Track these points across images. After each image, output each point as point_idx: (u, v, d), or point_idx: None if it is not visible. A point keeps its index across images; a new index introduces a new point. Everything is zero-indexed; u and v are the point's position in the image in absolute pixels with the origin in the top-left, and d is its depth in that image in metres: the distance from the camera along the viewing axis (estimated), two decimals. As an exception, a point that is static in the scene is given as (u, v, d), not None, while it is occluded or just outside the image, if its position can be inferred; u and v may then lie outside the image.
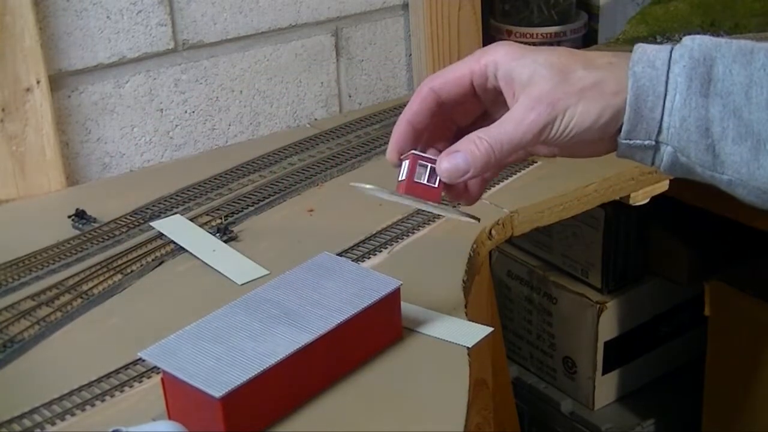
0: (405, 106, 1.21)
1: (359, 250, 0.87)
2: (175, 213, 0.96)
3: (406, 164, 0.66)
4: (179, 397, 0.63)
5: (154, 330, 0.73)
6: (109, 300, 0.81)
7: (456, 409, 0.65)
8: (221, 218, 0.94)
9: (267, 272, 0.84)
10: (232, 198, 0.99)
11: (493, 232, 0.92)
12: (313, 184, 1.03)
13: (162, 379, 0.64)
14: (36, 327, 0.77)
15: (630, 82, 0.62)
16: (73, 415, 0.66)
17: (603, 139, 0.64)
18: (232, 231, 0.91)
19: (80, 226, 0.94)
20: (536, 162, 1.05)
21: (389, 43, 1.31)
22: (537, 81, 0.62)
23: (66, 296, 0.82)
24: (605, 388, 1.52)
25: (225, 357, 0.62)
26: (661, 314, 1.56)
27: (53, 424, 0.66)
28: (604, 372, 1.51)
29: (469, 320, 0.76)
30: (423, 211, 0.94)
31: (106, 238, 0.92)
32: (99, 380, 0.70)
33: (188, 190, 1.01)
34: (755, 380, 1.42)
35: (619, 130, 0.63)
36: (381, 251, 0.87)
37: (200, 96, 1.16)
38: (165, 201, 0.99)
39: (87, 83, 1.07)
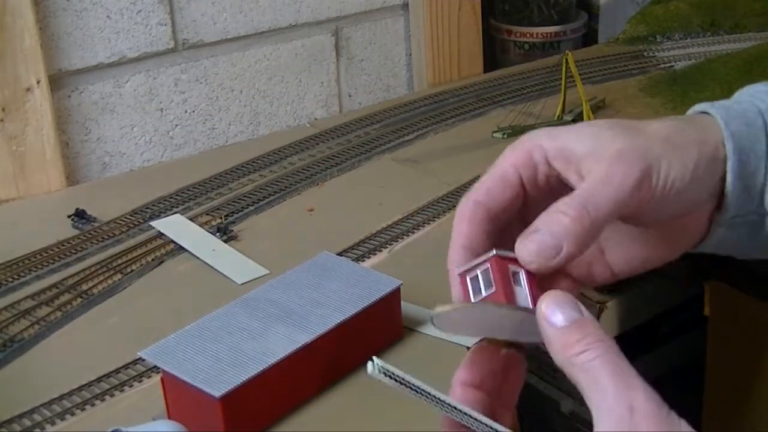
0: (405, 105, 1.23)
1: (359, 250, 0.87)
2: (175, 213, 0.96)
3: (486, 270, 0.48)
4: (179, 396, 0.63)
5: (154, 330, 0.73)
6: (109, 300, 0.81)
7: (456, 409, 0.65)
8: (221, 218, 0.94)
9: (267, 272, 0.84)
10: (232, 198, 0.99)
11: (493, 232, 0.92)
12: (313, 184, 1.03)
13: (162, 379, 0.64)
14: (36, 327, 0.77)
15: (729, 145, 0.51)
16: (73, 415, 0.66)
17: (690, 220, 0.53)
18: (232, 231, 0.91)
19: (80, 225, 0.94)
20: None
21: (389, 43, 1.31)
22: (606, 142, 0.49)
23: (66, 296, 0.82)
24: (605, 388, 1.52)
25: (225, 357, 0.62)
26: (661, 314, 1.56)
27: (53, 424, 0.66)
28: (604, 372, 1.51)
29: (469, 320, 0.75)
30: (422, 210, 0.94)
31: (106, 237, 0.92)
32: (99, 380, 0.70)
33: (188, 190, 1.01)
34: (755, 380, 1.42)
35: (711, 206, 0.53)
36: (381, 251, 0.87)
37: (200, 96, 1.16)
38: (165, 201, 0.99)
39: (87, 83, 1.07)
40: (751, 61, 1.25)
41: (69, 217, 0.95)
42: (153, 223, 0.93)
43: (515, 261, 0.46)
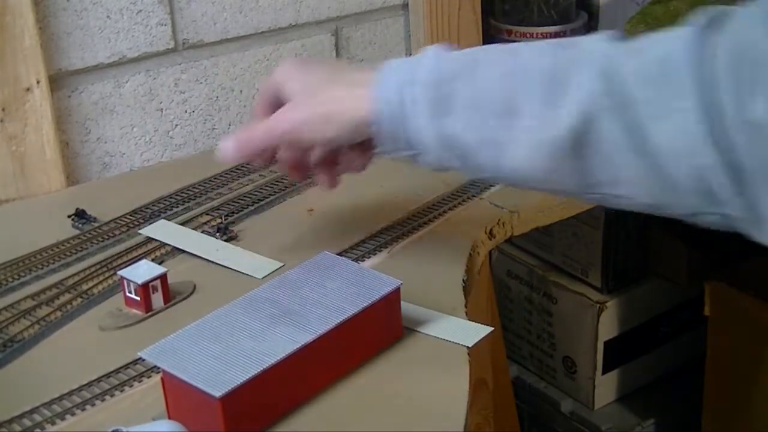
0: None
1: (359, 250, 0.87)
2: (175, 212, 0.96)
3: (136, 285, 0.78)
4: (179, 396, 0.63)
5: (153, 330, 0.73)
6: (109, 300, 0.81)
7: (456, 409, 0.65)
8: (221, 218, 0.94)
9: (281, 264, 0.84)
10: (232, 198, 0.99)
11: (493, 231, 0.92)
12: (313, 184, 1.03)
13: (162, 379, 0.64)
14: (36, 327, 0.77)
15: (380, 107, 0.71)
16: (73, 415, 0.66)
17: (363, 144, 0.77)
18: (232, 231, 0.92)
19: (80, 225, 0.94)
20: (536, 162, 1.05)
21: (389, 43, 1.31)
22: (300, 95, 0.75)
23: (66, 296, 0.82)
24: (605, 388, 1.52)
25: (225, 356, 0.62)
26: (661, 314, 1.56)
27: (53, 424, 0.66)
28: (604, 372, 1.51)
29: (469, 320, 0.75)
30: (422, 210, 0.94)
31: (106, 237, 0.92)
32: (99, 380, 0.70)
33: (188, 190, 1.01)
34: (755, 380, 1.42)
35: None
36: (381, 251, 0.87)
37: (200, 96, 1.16)
38: (165, 201, 0.99)
39: (87, 83, 1.07)
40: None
41: (69, 217, 0.95)
42: (142, 231, 0.92)
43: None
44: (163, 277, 0.79)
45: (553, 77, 0.65)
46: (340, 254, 0.84)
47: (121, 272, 0.78)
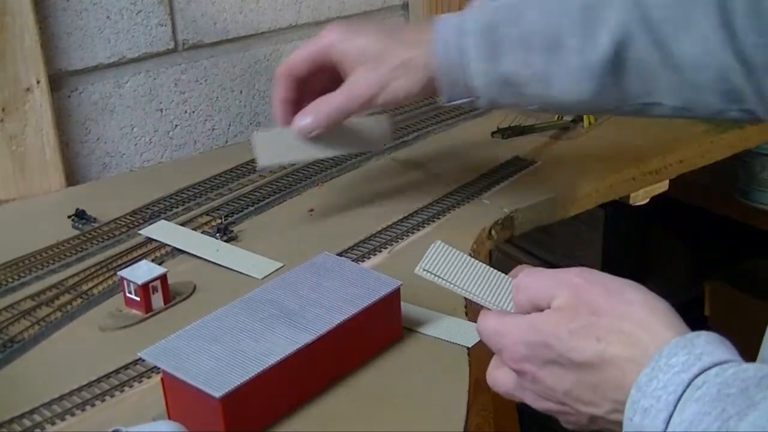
0: (405, 105, 1.23)
1: (359, 250, 0.87)
2: (175, 213, 0.96)
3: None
4: (179, 397, 0.63)
5: (153, 330, 0.73)
6: (109, 300, 0.81)
7: (456, 409, 0.65)
8: (221, 218, 0.94)
9: (282, 264, 0.84)
10: (232, 198, 0.99)
11: (493, 232, 0.92)
12: (313, 184, 1.03)
13: (162, 379, 0.64)
14: (36, 327, 0.77)
15: (439, 60, 0.78)
16: (73, 415, 0.66)
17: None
18: (232, 231, 0.91)
19: (80, 226, 0.94)
20: (536, 162, 1.05)
21: (389, 43, 1.31)
22: (364, 60, 0.80)
23: (66, 296, 0.82)
24: (605, 388, 1.52)
25: (225, 357, 0.63)
26: (661, 314, 1.56)
27: (53, 424, 0.66)
28: (604, 372, 1.51)
29: (469, 320, 0.75)
30: (422, 210, 0.94)
31: (106, 238, 0.92)
32: (99, 380, 0.70)
33: (188, 190, 1.01)
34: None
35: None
36: (381, 251, 0.87)
37: (200, 96, 1.16)
38: (165, 201, 0.99)
39: (87, 83, 1.07)
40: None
41: (69, 217, 0.95)
42: (142, 231, 0.92)
43: None
44: (163, 278, 0.79)
45: (589, 10, 0.73)
46: (340, 254, 0.84)
47: (121, 273, 0.79)
